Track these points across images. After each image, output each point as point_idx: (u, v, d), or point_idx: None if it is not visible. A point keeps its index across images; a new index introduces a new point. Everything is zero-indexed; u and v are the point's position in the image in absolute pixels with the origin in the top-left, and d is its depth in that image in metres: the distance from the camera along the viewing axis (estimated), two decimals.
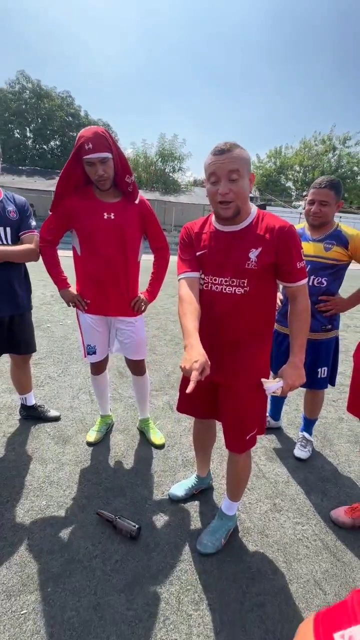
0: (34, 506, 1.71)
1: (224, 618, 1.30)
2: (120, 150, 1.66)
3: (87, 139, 1.51)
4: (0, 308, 1.86)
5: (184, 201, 23.15)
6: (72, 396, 2.75)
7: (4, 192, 1.87)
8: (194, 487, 1.84)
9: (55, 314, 4.92)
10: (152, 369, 3.38)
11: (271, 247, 1.20)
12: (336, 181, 1.78)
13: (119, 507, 1.74)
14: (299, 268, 1.24)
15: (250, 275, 1.23)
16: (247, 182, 1.18)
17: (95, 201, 1.69)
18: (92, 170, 1.59)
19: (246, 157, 1.17)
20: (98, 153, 1.54)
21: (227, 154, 1.13)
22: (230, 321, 1.31)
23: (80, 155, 1.56)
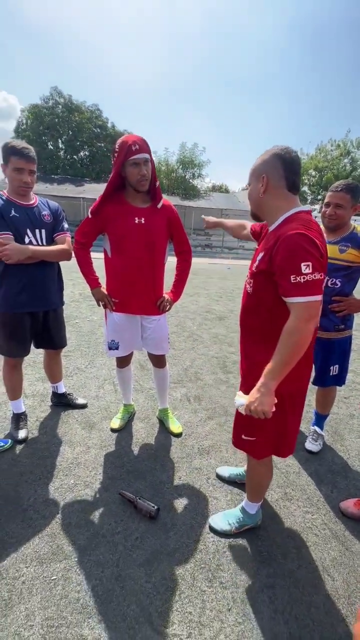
0: (63, 484, 1.77)
1: (235, 596, 1.30)
2: (154, 161, 1.71)
3: (134, 141, 1.56)
4: (36, 303, 1.93)
5: (203, 206, 23.05)
6: (98, 386, 2.82)
7: (39, 198, 1.93)
8: (238, 477, 1.85)
9: (83, 311, 5.03)
10: (171, 363, 3.40)
11: (269, 253, 1.11)
12: (353, 185, 1.73)
13: (140, 489, 1.77)
14: (293, 283, 1.02)
15: (254, 276, 1.24)
16: (254, 188, 1.20)
17: (127, 206, 1.72)
18: (135, 170, 1.59)
19: (255, 167, 1.19)
20: (144, 153, 1.58)
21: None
22: (242, 317, 1.35)
23: (127, 156, 1.57)
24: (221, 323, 5.01)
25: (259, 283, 1.21)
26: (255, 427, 1.31)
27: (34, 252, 1.78)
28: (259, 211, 1.24)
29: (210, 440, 2.22)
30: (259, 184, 1.15)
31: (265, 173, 1.13)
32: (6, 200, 1.76)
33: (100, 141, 28.38)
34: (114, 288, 1.87)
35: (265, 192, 1.15)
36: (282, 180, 1.13)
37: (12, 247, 1.68)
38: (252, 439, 1.36)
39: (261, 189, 1.15)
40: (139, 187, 1.65)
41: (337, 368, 1.99)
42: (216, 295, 7.21)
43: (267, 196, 1.16)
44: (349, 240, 1.77)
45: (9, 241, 1.69)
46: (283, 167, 1.11)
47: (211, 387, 2.97)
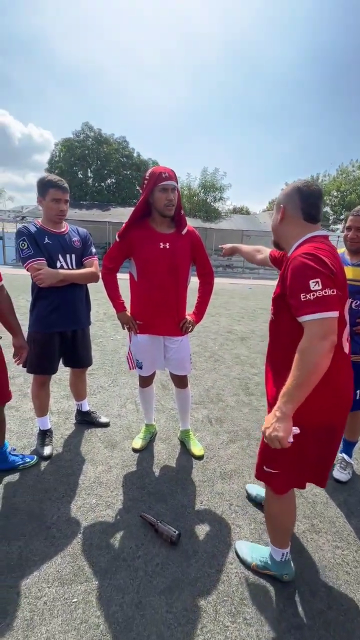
0: (85, 503, 1.78)
1: (260, 635, 1.23)
2: (179, 190, 1.83)
3: (164, 170, 1.69)
4: (66, 323, 2.03)
5: (224, 227, 23.39)
6: (120, 405, 2.85)
7: (69, 226, 2.07)
8: (264, 500, 1.69)
9: (107, 330, 5.17)
10: (192, 383, 3.39)
11: (282, 277, 1.17)
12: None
13: (160, 512, 1.75)
14: (303, 301, 1.00)
15: (273, 302, 1.26)
16: (274, 218, 1.27)
17: (153, 232, 1.80)
18: (163, 195, 1.69)
19: (278, 198, 1.26)
20: (172, 181, 1.70)
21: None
22: (268, 342, 1.36)
23: (157, 182, 1.67)
24: (243, 343, 4.96)
25: (277, 307, 1.23)
26: (277, 458, 1.23)
27: (65, 275, 1.89)
28: (278, 239, 1.29)
29: (232, 464, 2.17)
30: (278, 213, 1.22)
31: (284, 203, 1.20)
32: (40, 228, 1.90)
33: (126, 169, 29.93)
34: (138, 310, 1.94)
35: (281, 220, 1.21)
36: (298, 210, 1.17)
37: (46, 271, 1.79)
38: (273, 471, 1.27)
39: (278, 217, 1.22)
40: (165, 211, 1.73)
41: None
42: (237, 315, 7.18)
43: (283, 224, 1.22)
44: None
45: (43, 266, 1.81)
46: (300, 199, 1.16)
47: (233, 409, 2.92)
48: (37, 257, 1.82)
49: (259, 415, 2.83)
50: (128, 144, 30.70)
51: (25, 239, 1.81)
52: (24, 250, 1.81)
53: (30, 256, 1.80)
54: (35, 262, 1.81)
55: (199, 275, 2.07)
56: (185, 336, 2.03)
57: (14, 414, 2.58)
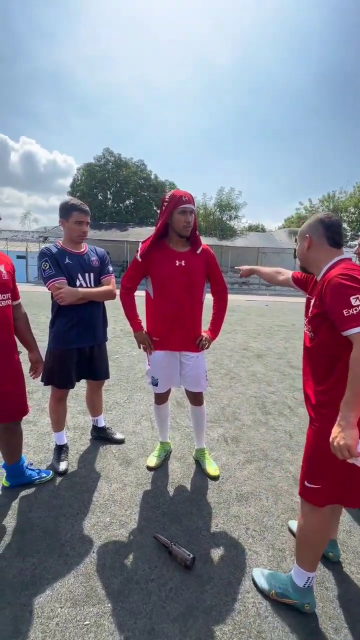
0: (99, 522, 1.76)
1: None
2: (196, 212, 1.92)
3: (183, 194, 1.79)
4: (84, 340, 2.09)
5: (240, 245, 23.58)
6: (135, 422, 2.85)
7: (88, 246, 2.16)
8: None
9: (123, 346, 5.24)
10: (207, 400, 3.36)
11: (319, 297, 1.22)
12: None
13: (175, 534, 1.70)
14: (347, 316, 1.08)
15: (311, 321, 1.31)
16: (300, 246, 1.38)
17: (170, 251, 1.88)
18: (182, 217, 1.78)
19: (302, 229, 1.38)
20: (191, 205, 1.80)
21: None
22: (306, 361, 1.39)
23: (177, 205, 1.77)
24: (259, 361, 4.89)
25: (315, 325, 1.28)
26: (320, 472, 1.26)
27: (84, 294, 1.97)
28: (306, 265, 1.40)
29: (249, 486, 2.10)
30: (304, 242, 1.34)
31: (309, 233, 1.33)
32: (61, 249, 2.00)
33: (144, 190, 31.05)
34: (155, 327, 1.98)
35: (308, 248, 1.34)
36: (323, 238, 1.30)
37: (66, 290, 1.88)
38: (315, 486, 1.28)
39: (305, 245, 1.34)
40: (183, 232, 1.83)
41: None
42: (254, 332, 7.12)
43: (310, 251, 1.34)
44: None
45: (63, 285, 1.90)
46: (323, 228, 1.30)
47: (250, 428, 2.85)
48: (58, 276, 1.90)
49: (276, 435, 2.75)
50: (146, 166, 31.99)
51: (47, 260, 1.91)
52: (46, 270, 1.90)
53: (52, 276, 1.89)
54: (57, 282, 1.89)
55: (213, 292, 2.12)
56: (201, 353, 2.05)
57: (31, 428, 2.63)
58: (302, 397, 1.95)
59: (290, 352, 5.50)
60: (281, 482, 2.15)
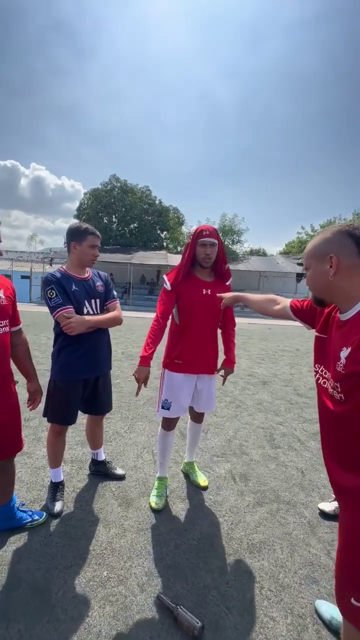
0: (95, 576, 1.57)
1: None
2: (223, 245, 2.01)
3: (205, 228, 1.91)
4: (91, 370, 1.98)
5: (241, 268, 23.82)
6: (137, 454, 2.67)
7: (91, 270, 2.09)
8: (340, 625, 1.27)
9: (125, 370, 5.08)
10: (213, 432, 3.18)
11: (358, 351, 0.88)
12: None
13: (180, 594, 1.50)
14: None
15: (342, 380, 0.95)
16: (318, 271, 1.01)
17: (197, 280, 1.98)
18: (202, 250, 1.89)
19: (314, 247, 1.03)
20: (211, 238, 1.89)
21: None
22: (329, 429, 1.05)
23: (198, 238, 1.89)
24: (265, 388, 4.72)
25: (350, 387, 0.93)
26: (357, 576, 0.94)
27: (95, 322, 1.88)
28: (327, 295, 1.04)
29: (261, 533, 1.91)
30: (326, 265, 0.98)
31: (334, 253, 0.96)
32: (66, 275, 1.91)
33: (149, 215, 31.85)
34: (179, 351, 1.99)
35: (336, 273, 0.96)
36: (357, 258, 0.94)
37: (76, 320, 1.78)
38: (356, 597, 0.93)
39: (330, 270, 0.97)
40: (203, 263, 1.93)
41: None
42: (258, 357, 6.96)
43: (338, 279, 0.97)
44: None
45: (72, 314, 1.80)
46: (356, 244, 0.95)
47: (258, 463, 2.66)
48: (65, 305, 1.81)
49: (287, 472, 2.56)
50: (151, 192, 33.01)
51: (54, 287, 1.82)
52: (52, 299, 1.80)
53: (59, 304, 1.80)
54: (65, 311, 1.80)
55: (226, 322, 2.18)
56: (215, 374, 2.14)
57: (25, 461, 2.45)
58: (312, 429, 1.77)
59: (297, 379, 5.33)
60: (296, 529, 1.95)
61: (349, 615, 0.98)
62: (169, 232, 33.25)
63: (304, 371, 5.93)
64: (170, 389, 2.03)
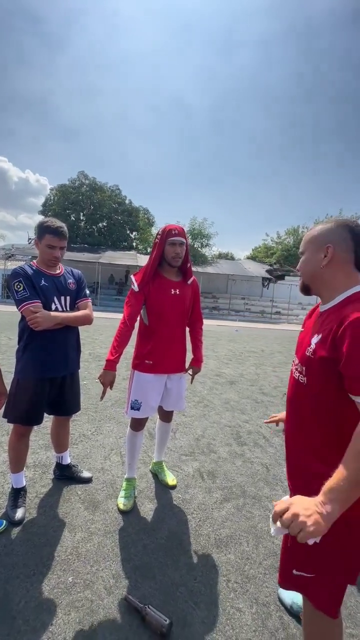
0: (60, 582, 1.51)
1: None
2: (189, 246, 2.02)
3: (174, 228, 1.90)
4: (58, 368, 1.91)
5: (210, 271, 24.24)
6: (104, 456, 2.61)
7: (64, 267, 2.03)
8: (301, 610, 1.36)
9: (92, 371, 4.96)
10: (181, 432, 3.20)
11: (331, 337, 0.90)
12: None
13: (148, 593, 1.50)
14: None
15: (308, 363, 1.00)
16: (312, 258, 1.02)
17: (165, 280, 1.97)
18: (172, 249, 1.88)
19: (315, 234, 1.03)
20: (180, 237, 1.89)
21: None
22: (292, 411, 1.10)
23: (167, 237, 1.88)
24: (232, 388, 4.84)
25: (317, 373, 0.97)
26: (313, 557, 0.96)
27: (63, 319, 1.82)
28: (313, 283, 1.06)
29: (228, 528, 1.95)
30: (321, 254, 0.99)
31: (332, 244, 0.97)
32: (36, 270, 1.85)
33: (118, 214, 31.35)
34: (149, 351, 1.97)
35: (329, 263, 0.98)
36: (351, 254, 0.96)
37: (42, 315, 1.71)
38: (307, 575, 0.98)
39: (324, 260, 0.99)
40: (173, 262, 1.92)
41: None
42: (225, 358, 7.12)
43: (328, 269, 0.99)
44: None
45: (39, 309, 1.73)
46: (353, 240, 0.96)
47: (226, 461, 2.72)
48: (33, 299, 1.74)
49: (253, 468, 2.64)
50: (121, 191, 32.53)
51: (21, 280, 1.74)
52: (19, 292, 1.72)
53: (26, 298, 1.72)
54: (32, 305, 1.72)
55: (192, 321, 2.22)
56: (184, 373, 2.15)
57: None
58: (275, 426, 1.83)
59: (262, 379, 5.52)
60: (261, 522, 2.03)
61: (291, 586, 1.06)
62: (139, 232, 32.98)
63: (269, 371, 6.16)
64: (140, 390, 2.00)
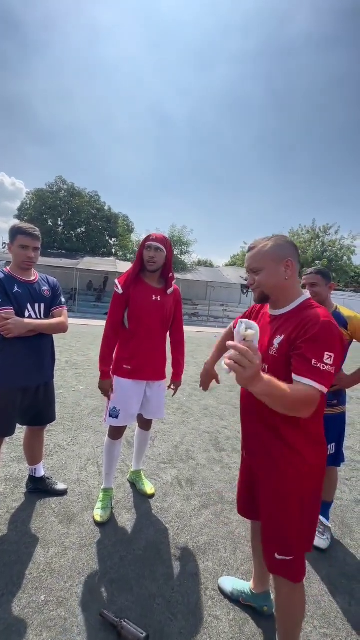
0: (32, 602, 1.45)
1: None
2: (172, 255, 2.04)
3: (153, 234, 1.95)
4: (31, 377, 1.86)
5: (189, 278, 24.47)
6: (80, 467, 2.54)
7: (39, 274, 1.99)
8: (241, 595, 1.52)
9: (68, 380, 4.84)
10: (160, 439, 3.18)
11: (293, 337, 1.08)
12: (322, 269, 1.95)
13: (125, 606, 1.46)
14: (313, 366, 1.00)
15: (272, 362, 1.14)
16: (274, 272, 1.15)
17: (147, 286, 1.98)
18: (147, 253, 1.91)
19: (271, 251, 1.15)
20: (157, 243, 1.91)
21: (250, 253, 1.21)
22: (253, 405, 1.22)
23: (145, 242, 1.93)
24: (211, 394, 4.87)
25: (281, 368, 1.11)
26: (290, 539, 1.16)
27: (36, 326, 1.78)
28: (274, 293, 1.19)
29: (206, 535, 1.95)
30: (282, 267, 1.14)
31: (291, 258, 1.14)
32: (9, 276, 1.80)
33: (97, 220, 31.09)
34: (128, 356, 1.98)
35: (290, 276, 1.15)
36: (298, 266, 1.16)
37: (14, 321, 1.68)
38: (287, 558, 1.16)
39: (286, 273, 1.14)
40: (148, 266, 1.94)
41: (334, 447, 1.91)
42: None
43: (290, 281, 1.15)
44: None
45: (11, 315, 1.69)
46: (297, 256, 1.16)
47: (204, 467, 2.73)
48: (4, 306, 1.69)
49: (231, 474, 2.66)
50: (100, 197, 32.35)
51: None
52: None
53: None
54: (3, 312, 1.68)
55: (173, 331, 2.21)
56: (164, 380, 2.14)
57: None
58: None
59: None
60: (238, 527, 2.04)
61: (275, 569, 1.19)
62: (118, 239, 32.85)
63: None
64: (119, 397, 1.99)
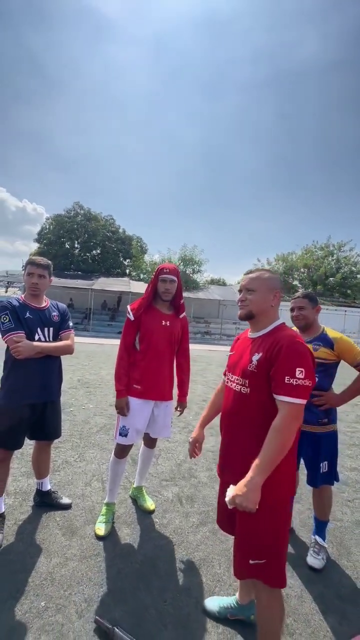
0: (33, 607, 1.55)
1: None
2: (182, 283, 2.22)
3: (166, 267, 2.14)
4: (39, 395, 2.03)
5: (202, 297, 24.70)
6: (85, 483, 2.66)
7: (50, 301, 2.21)
8: (228, 611, 1.57)
9: (79, 398, 5.01)
10: (164, 457, 3.26)
11: (270, 354, 1.23)
12: (309, 292, 2.07)
13: (119, 616, 1.54)
14: (286, 383, 1.14)
15: (250, 377, 1.29)
16: (265, 296, 1.36)
17: (158, 312, 2.17)
18: (162, 285, 2.11)
19: (268, 280, 1.38)
20: (171, 275, 2.11)
21: (249, 275, 1.43)
22: (234, 418, 1.37)
23: (159, 275, 2.11)
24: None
25: (259, 383, 1.26)
26: (262, 545, 1.24)
27: (42, 348, 1.97)
28: (259, 315, 1.38)
29: (201, 551, 2.01)
30: (271, 295, 1.37)
31: (278, 290, 1.39)
32: (22, 303, 2.03)
33: (112, 242, 32.26)
34: (138, 377, 2.12)
35: (275, 305, 1.38)
36: (280, 298, 1.40)
37: (24, 344, 1.88)
38: (260, 560, 1.24)
39: (273, 300, 1.37)
40: (163, 296, 2.14)
41: (327, 465, 1.96)
42: (214, 383, 7.20)
43: (273, 308, 1.38)
44: (320, 340, 1.96)
45: (22, 339, 1.90)
46: (282, 290, 1.42)
47: (205, 485, 2.79)
48: (17, 330, 1.91)
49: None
50: (115, 221, 33.70)
51: (7, 313, 1.92)
52: (4, 323, 1.90)
53: (10, 329, 1.90)
54: (15, 335, 1.89)
55: (179, 355, 2.33)
56: (171, 401, 2.27)
57: None
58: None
59: None
60: None
61: (248, 574, 1.28)
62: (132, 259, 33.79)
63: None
64: (129, 416, 2.11)
